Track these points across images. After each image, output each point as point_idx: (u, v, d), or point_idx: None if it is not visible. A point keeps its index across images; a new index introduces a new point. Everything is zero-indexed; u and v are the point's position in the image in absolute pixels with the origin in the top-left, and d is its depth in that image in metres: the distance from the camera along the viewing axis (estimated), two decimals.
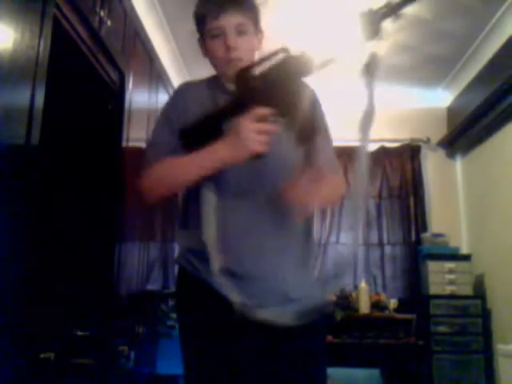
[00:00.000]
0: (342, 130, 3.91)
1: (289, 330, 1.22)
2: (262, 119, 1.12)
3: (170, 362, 2.57)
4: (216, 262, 1.16)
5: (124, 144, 2.19)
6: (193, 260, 1.25)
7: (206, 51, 1.32)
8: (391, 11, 1.02)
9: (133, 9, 2.42)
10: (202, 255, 1.20)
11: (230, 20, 1.24)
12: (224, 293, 1.19)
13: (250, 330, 1.22)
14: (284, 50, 1.12)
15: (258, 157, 1.13)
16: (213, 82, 1.35)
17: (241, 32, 1.26)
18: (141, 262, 2.50)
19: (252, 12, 1.29)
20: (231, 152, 1.14)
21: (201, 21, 1.29)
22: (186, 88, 1.35)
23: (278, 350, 1.22)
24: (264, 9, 1.34)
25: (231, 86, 1.31)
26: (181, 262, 1.28)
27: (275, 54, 1.13)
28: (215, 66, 1.32)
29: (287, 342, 1.22)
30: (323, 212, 4.19)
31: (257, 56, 1.32)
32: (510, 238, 3.28)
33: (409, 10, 3.38)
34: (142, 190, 1.27)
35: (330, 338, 3.49)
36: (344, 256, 1.18)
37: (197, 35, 1.35)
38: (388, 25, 1.03)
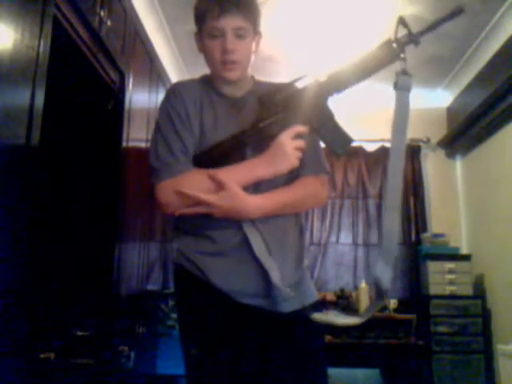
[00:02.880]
0: None
1: (289, 329, 1.23)
2: (298, 136, 1.21)
3: (170, 362, 2.57)
4: (275, 275, 1.20)
5: (124, 144, 2.19)
6: (201, 263, 1.25)
7: (202, 48, 1.31)
8: (412, 40, 1.25)
9: (133, 9, 2.42)
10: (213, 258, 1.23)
11: (230, 22, 1.23)
12: (227, 291, 1.20)
13: (251, 328, 1.23)
14: (302, 78, 1.23)
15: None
16: (206, 83, 1.35)
17: (240, 35, 1.25)
18: (141, 262, 2.50)
19: (253, 15, 1.28)
20: (272, 168, 1.20)
21: (200, 17, 1.28)
22: (180, 88, 1.34)
23: (279, 348, 1.23)
24: (263, 8, 1.34)
25: (225, 89, 1.32)
26: (182, 262, 1.28)
27: (295, 81, 1.24)
28: (210, 65, 1.32)
29: (287, 340, 1.23)
30: (323, 212, 4.20)
31: (252, 58, 1.33)
32: (510, 237, 3.28)
33: (408, 10, 3.36)
34: (164, 202, 1.24)
35: (329, 337, 3.49)
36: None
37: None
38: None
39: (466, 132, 3.84)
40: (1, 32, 1.15)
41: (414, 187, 4.21)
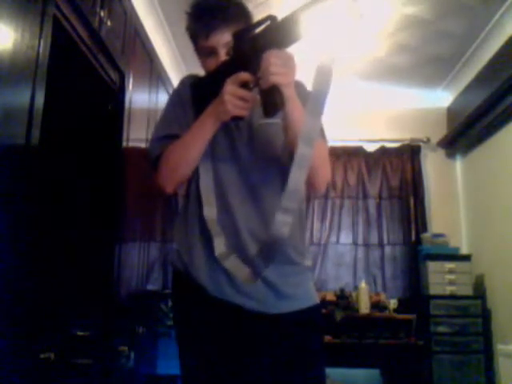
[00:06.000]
0: (341, 130, 3.93)
1: (286, 331, 1.23)
2: (243, 84, 1.12)
3: (170, 362, 2.57)
4: (220, 243, 1.18)
5: (124, 144, 2.19)
6: (184, 256, 1.26)
7: (202, 66, 1.32)
8: None
9: (133, 9, 2.42)
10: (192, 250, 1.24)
11: (219, 39, 1.23)
12: (207, 285, 1.20)
13: (247, 330, 1.22)
14: (272, 17, 1.10)
15: (234, 120, 1.16)
16: None
17: None
18: (141, 262, 2.50)
19: (242, 23, 1.26)
20: (214, 114, 1.16)
21: (192, 39, 1.30)
22: (188, 79, 1.36)
23: (276, 350, 1.22)
24: (262, 8, 1.33)
25: None
26: (174, 262, 1.30)
27: (264, 21, 1.12)
28: None
29: (285, 342, 1.22)
30: (323, 212, 4.20)
31: None
32: (510, 238, 3.28)
33: (409, 10, 3.38)
34: (160, 179, 1.26)
35: (329, 338, 3.49)
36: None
37: None
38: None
39: (466, 132, 3.84)
40: (1, 32, 1.15)
41: (414, 187, 4.21)
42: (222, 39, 1.23)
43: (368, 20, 3.22)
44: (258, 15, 1.31)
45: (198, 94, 1.25)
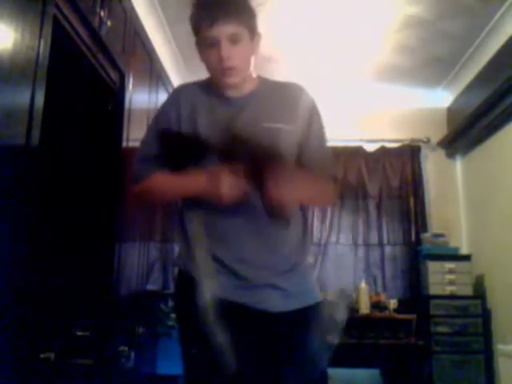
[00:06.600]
0: (341, 130, 3.93)
1: (290, 329, 1.23)
2: (236, 175, 1.16)
3: (170, 362, 2.57)
4: (207, 290, 1.20)
5: (124, 144, 2.19)
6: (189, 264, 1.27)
7: (202, 57, 1.32)
8: None
9: (133, 9, 2.42)
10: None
11: (223, 30, 1.23)
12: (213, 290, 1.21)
13: (250, 329, 1.22)
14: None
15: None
16: (208, 86, 1.36)
17: (235, 41, 1.25)
18: (141, 262, 2.50)
19: (246, 19, 1.27)
20: (209, 191, 1.19)
21: (195, 28, 1.29)
22: (181, 90, 1.38)
23: (278, 347, 1.22)
24: (263, 9, 1.34)
25: (226, 91, 1.32)
26: (177, 262, 1.31)
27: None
28: (210, 72, 1.32)
29: (287, 340, 1.23)
30: (323, 212, 4.20)
31: (253, 60, 1.33)
32: (510, 238, 3.28)
33: (409, 11, 3.38)
34: (136, 196, 1.39)
35: (329, 338, 3.49)
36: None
37: None
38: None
39: (466, 132, 3.84)
40: (1, 32, 1.15)
41: (414, 187, 4.21)
42: (225, 30, 1.23)
43: (369, 21, 3.22)
44: (258, 15, 1.32)
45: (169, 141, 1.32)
